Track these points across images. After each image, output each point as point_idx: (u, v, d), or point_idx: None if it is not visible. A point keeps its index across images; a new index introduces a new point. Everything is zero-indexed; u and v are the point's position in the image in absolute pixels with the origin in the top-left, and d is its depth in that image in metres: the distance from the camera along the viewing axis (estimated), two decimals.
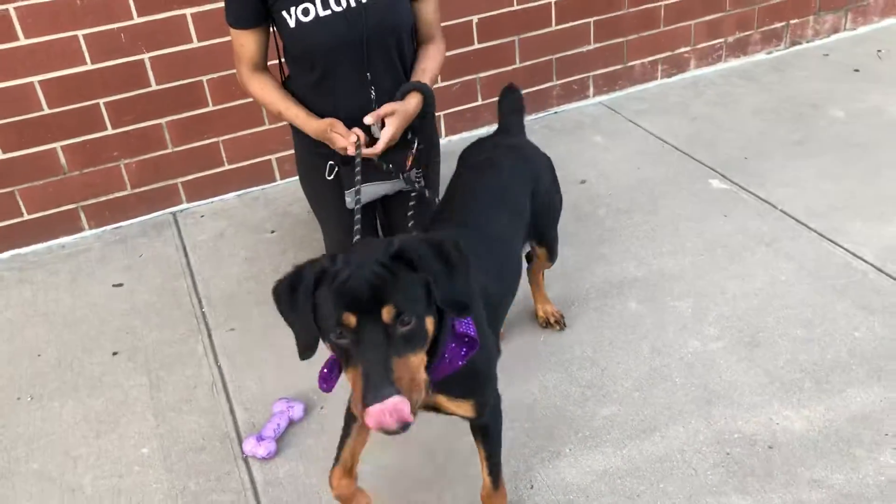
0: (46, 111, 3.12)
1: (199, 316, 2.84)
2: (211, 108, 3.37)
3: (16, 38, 2.97)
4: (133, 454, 2.31)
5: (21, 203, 3.24)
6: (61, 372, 2.64)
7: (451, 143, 3.87)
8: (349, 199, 2.51)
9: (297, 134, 2.61)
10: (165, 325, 2.81)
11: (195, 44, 3.23)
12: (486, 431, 1.90)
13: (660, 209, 3.22)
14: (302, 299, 1.48)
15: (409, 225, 2.42)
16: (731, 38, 4.39)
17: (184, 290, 2.99)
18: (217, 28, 3.22)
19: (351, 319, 1.41)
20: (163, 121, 3.32)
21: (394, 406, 1.35)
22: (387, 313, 1.41)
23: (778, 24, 4.47)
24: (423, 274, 1.48)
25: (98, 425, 2.42)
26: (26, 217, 3.28)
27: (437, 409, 1.77)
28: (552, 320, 2.63)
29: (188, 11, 3.16)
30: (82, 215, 3.36)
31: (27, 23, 2.96)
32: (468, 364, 1.64)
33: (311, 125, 2.46)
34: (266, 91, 2.50)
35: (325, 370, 1.67)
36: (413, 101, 2.43)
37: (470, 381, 1.75)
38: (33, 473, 2.27)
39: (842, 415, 2.22)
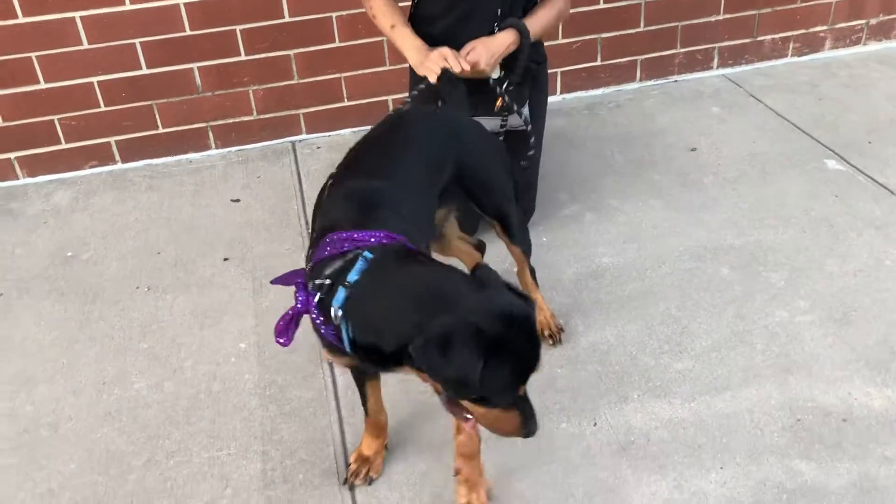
0: (188, 32, 3.36)
1: (304, 235, 3.02)
2: (337, 44, 3.52)
3: None
4: (231, 347, 2.51)
5: (158, 117, 3.51)
6: (176, 270, 2.88)
7: (566, 101, 3.90)
8: None
9: None
10: (274, 240, 3.01)
11: None
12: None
13: (768, 183, 3.16)
14: (471, 370, 1.42)
15: (521, 164, 2.52)
16: (873, 21, 4.18)
17: (294, 212, 3.18)
18: None
19: (523, 390, 1.54)
20: (291, 52, 3.50)
21: None
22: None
23: None
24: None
25: (204, 319, 2.63)
26: (161, 130, 3.54)
27: None
28: (546, 333, 2.41)
29: None
30: (210, 134, 3.61)
31: None
32: None
33: (411, 42, 2.49)
34: (381, 5, 2.58)
35: (282, 323, 1.71)
36: (501, 36, 2.46)
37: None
38: (143, 352, 2.51)
39: None
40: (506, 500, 1.97)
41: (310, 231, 1.93)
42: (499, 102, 2.54)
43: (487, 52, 2.41)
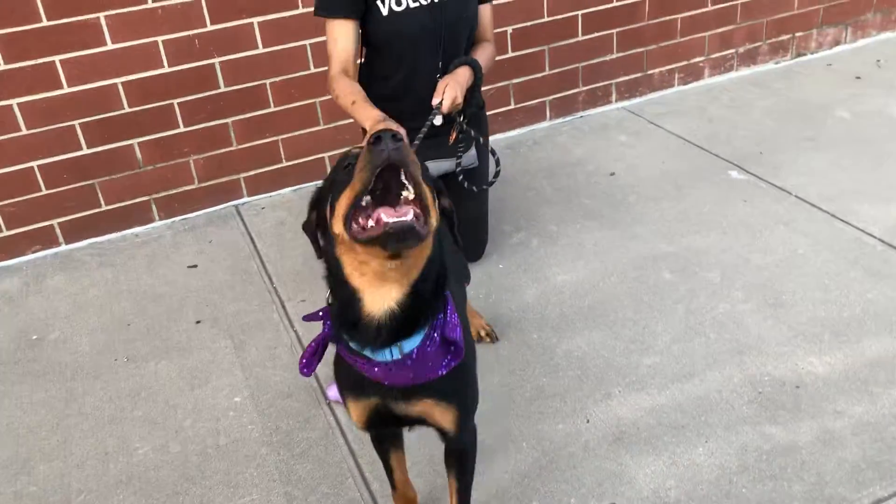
0: (127, 109, 3.44)
1: (271, 290, 3.13)
2: (273, 108, 3.68)
3: (104, 44, 3.29)
4: (227, 402, 2.58)
5: (100, 194, 3.54)
6: (151, 338, 2.93)
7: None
8: None
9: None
10: (241, 299, 3.10)
11: (261, 49, 3.56)
12: (463, 457, 1.89)
13: (685, 196, 3.52)
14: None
15: (483, 188, 2.77)
16: (741, 49, 4.73)
17: (254, 270, 3.28)
18: (280, 36, 3.55)
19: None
20: (229, 120, 3.64)
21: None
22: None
23: (784, 37, 4.82)
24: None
25: (192, 380, 2.70)
26: (104, 208, 3.58)
27: (420, 418, 1.71)
28: (482, 333, 2.71)
29: (255, 20, 3.50)
30: (154, 207, 3.66)
31: (114, 29, 3.28)
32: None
33: (369, 113, 2.72)
34: (344, 86, 2.78)
35: (307, 354, 1.70)
36: (462, 71, 2.68)
37: (456, 381, 1.67)
38: (139, 419, 2.55)
39: (859, 360, 2.51)
40: (526, 500, 2.15)
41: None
42: (452, 136, 2.74)
43: (459, 86, 2.62)
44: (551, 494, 2.16)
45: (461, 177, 2.78)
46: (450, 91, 2.58)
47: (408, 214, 1.34)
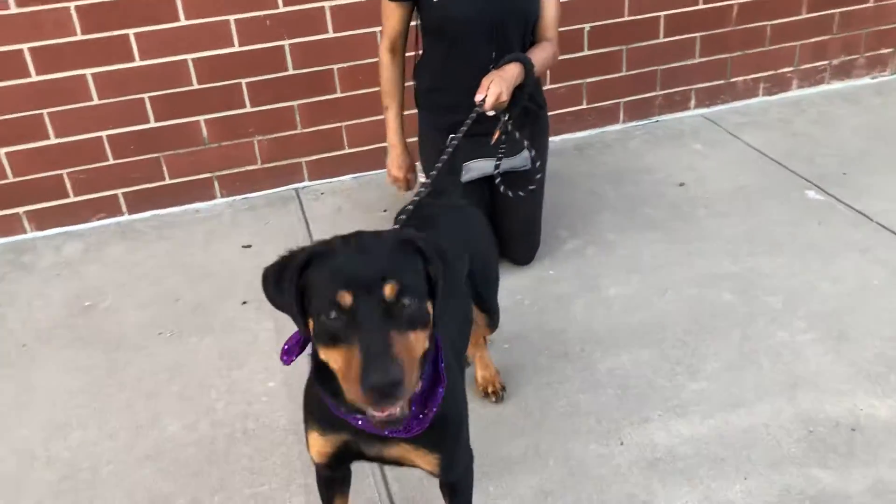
0: (195, 86, 3.47)
1: None
2: (339, 94, 3.67)
3: (178, 19, 3.33)
4: (261, 386, 2.58)
5: (165, 168, 3.60)
6: (197, 315, 2.95)
7: (555, 143, 4.07)
8: (462, 173, 2.76)
9: (422, 111, 2.87)
10: None
11: (330, 34, 3.54)
12: (455, 490, 1.78)
13: (756, 214, 3.35)
14: (287, 282, 1.38)
15: (519, 194, 2.66)
16: (835, 61, 4.47)
17: None
18: (351, 21, 3.53)
19: (346, 298, 1.31)
20: (295, 103, 3.64)
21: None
22: (389, 289, 1.31)
23: (885, 50, 4.53)
24: (430, 266, 1.42)
25: (230, 360, 2.70)
26: (168, 181, 3.63)
27: (397, 461, 1.62)
28: (490, 390, 2.44)
29: (327, 4, 3.48)
30: (216, 184, 3.70)
31: (188, 6, 3.32)
32: (437, 411, 1.50)
33: (392, 138, 2.89)
34: (387, 78, 2.77)
35: (286, 346, 1.56)
36: (510, 67, 2.58)
37: (438, 431, 1.54)
38: (174, 395, 2.57)
39: None
40: None
41: None
42: (495, 135, 2.67)
43: (505, 82, 2.54)
44: None
45: (498, 179, 2.70)
46: (494, 87, 2.50)
47: (395, 409, 1.32)
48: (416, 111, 3.03)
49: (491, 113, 2.54)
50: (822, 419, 2.30)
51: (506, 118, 2.64)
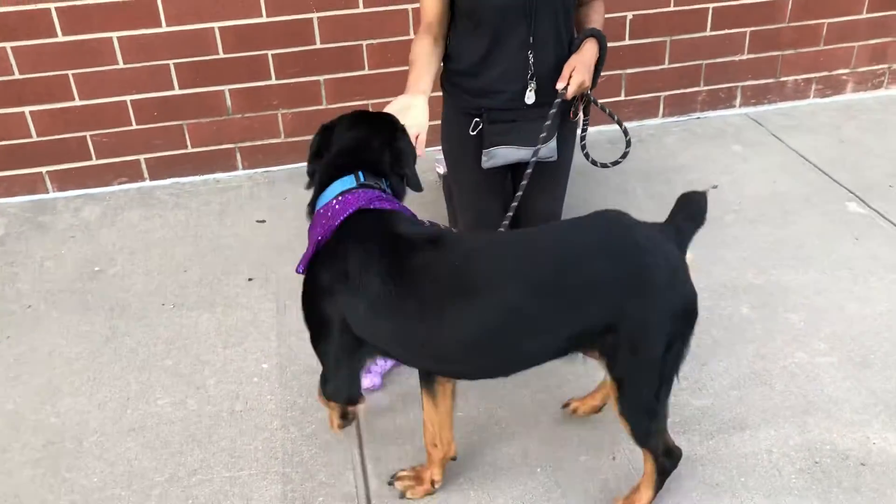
0: (221, 55, 3.43)
1: None
2: (367, 71, 3.59)
3: None
4: (254, 367, 2.54)
5: (187, 136, 3.57)
6: (202, 288, 2.93)
7: (589, 135, 3.92)
8: (484, 159, 2.66)
9: (447, 92, 2.77)
10: (296, 261, 3.03)
11: (360, 9, 3.45)
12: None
13: (789, 224, 3.18)
14: None
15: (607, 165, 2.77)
16: (895, 65, 4.22)
17: None
18: None
19: None
20: (321, 78, 3.57)
21: None
22: None
23: None
24: None
25: (227, 338, 2.67)
26: (189, 150, 3.61)
27: None
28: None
29: None
30: (238, 155, 3.67)
31: None
32: None
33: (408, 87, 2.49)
34: (415, 54, 2.63)
35: (304, 262, 1.93)
36: (588, 48, 2.54)
37: None
38: (167, 369, 2.55)
39: None
40: None
41: None
42: (578, 109, 2.69)
43: (586, 68, 2.50)
44: None
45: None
46: (577, 76, 2.47)
47: None
48: (440, 94, 2.92)
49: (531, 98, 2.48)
50: (830, 450, 2.17)
51: (589, 94, 2.65)
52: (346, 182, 1.88)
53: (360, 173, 1.91)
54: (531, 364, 1.87)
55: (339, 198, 1.85)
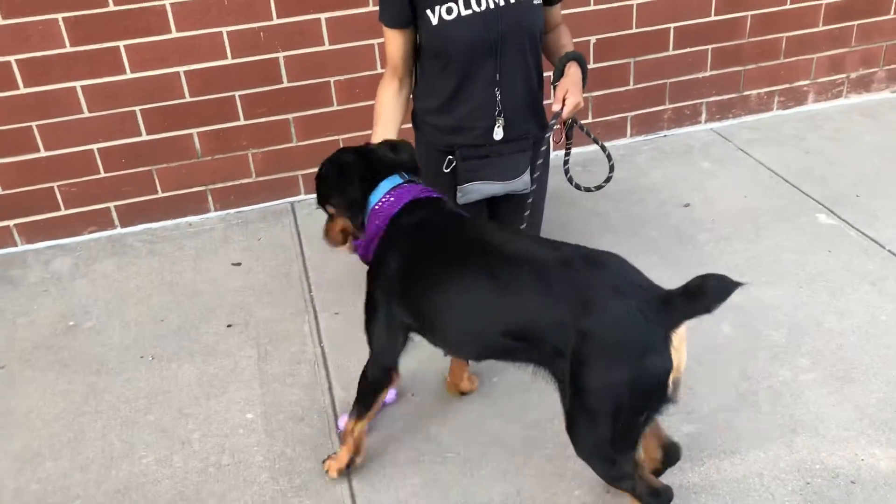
0: (188, 99, 3.40)
1: (307, 299, 3.03)
2: (336, 107, 3.58)
3: (169, 31, 3.25)
4: (238, 418, 2.50)
5: (157, 181, 3.53)
6: (180, 337, 2.88)
7: (559, 158, 3.95)
8: (460, 195, 2.66)
9: (419, 129, 2.77)
10: (276, 304, 3.02)
11: (327, 46, 3.45)
12: None
13: (762, 238, 3.22)
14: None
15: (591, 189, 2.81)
16: (853, 75, 4.31)
17: (296, 274, 3.19)
18: (347, 33, 3.44)
19: None
20: (290, 116, 3.55)
21: None
22: None
23: None
24: None
25: (210, 388, 2.63)
26: (160, 194, 3.57)
27: None
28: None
29: (323, 16, 3.39)
30: (210, 197, 3.63)
31: (179, 17, 3.24)
32: None
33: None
34: (381, 104, 2.66)
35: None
36: (574, 71, 2.56)
37: None
38: (150, 424, 2.50)
39: None
40: None
41: None
42: (561, 135, 2.69)
43: (579, 90, 2.51)
44: None
45: (569, 175, 2.72)
46: (572, 98, 2.48)
47: None
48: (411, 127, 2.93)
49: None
50: (820, 469, 2.19)
51: (569, 120, 2.66)
52: (393, 180, 2.16)
53: (403, 173, 2.20)
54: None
55: (393, 191, 2.13)
